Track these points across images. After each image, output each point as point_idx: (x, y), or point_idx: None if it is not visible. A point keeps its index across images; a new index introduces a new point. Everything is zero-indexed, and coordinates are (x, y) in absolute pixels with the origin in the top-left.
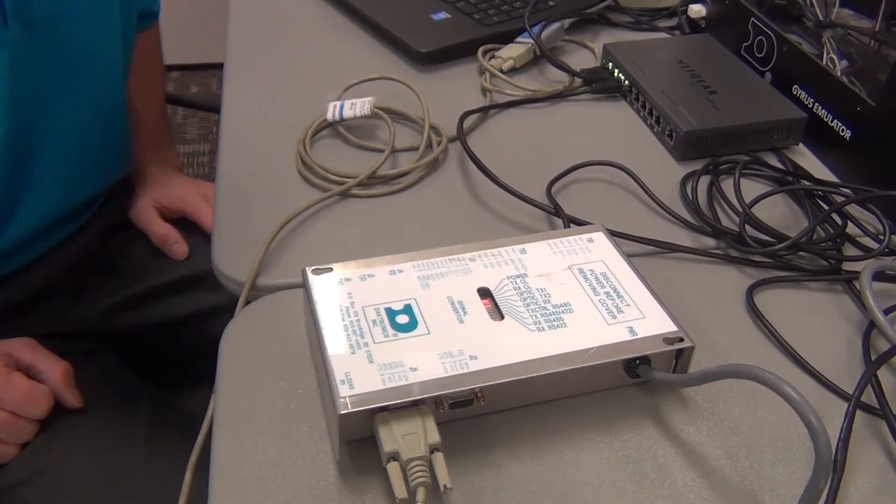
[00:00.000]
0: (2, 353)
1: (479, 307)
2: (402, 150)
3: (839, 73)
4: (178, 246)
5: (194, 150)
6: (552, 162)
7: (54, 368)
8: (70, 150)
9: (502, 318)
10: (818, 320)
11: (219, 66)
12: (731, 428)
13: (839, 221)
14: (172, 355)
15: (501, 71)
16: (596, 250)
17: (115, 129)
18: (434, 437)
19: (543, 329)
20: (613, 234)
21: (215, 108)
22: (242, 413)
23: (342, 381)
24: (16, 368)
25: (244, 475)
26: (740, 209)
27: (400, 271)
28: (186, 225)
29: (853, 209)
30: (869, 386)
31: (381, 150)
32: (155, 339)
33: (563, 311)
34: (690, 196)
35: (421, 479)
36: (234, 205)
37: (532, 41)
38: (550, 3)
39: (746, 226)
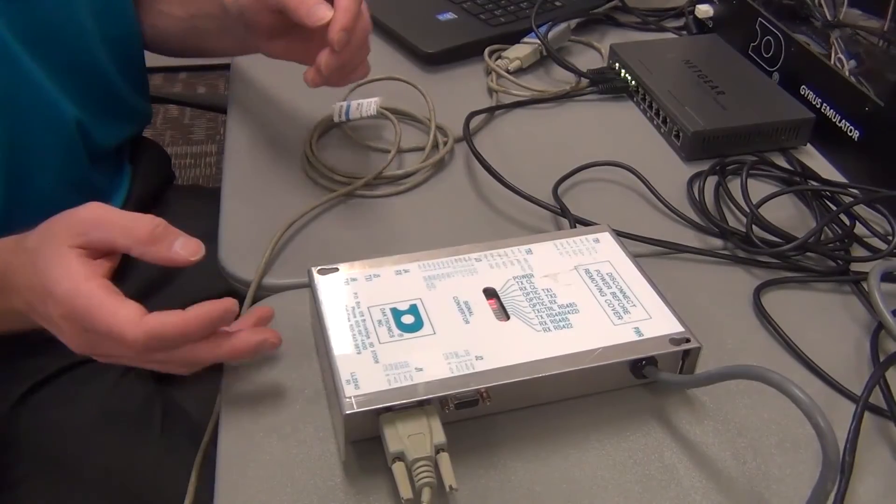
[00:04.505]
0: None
1: (484, 307)
2: (408, 151)
3: (847, 73)
4: None
5: (201, 150)
6: (558, 162)
7: (139, 230)
8: (61, 116)
9: (508, 318)
10: (826, 321)
11: (226, 67)
12: (738, 429)
13: (847, 222)
14: None
15: (508, 71)
16: (602, 251)
17: (98, 99)
18: (439, 437)
19: (549, 329)
20: (620, 235)
21: (222, 109)
22: (248, 413)
23: (348, 381)
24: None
25: (250, 475)
26: (747, 210)
27: (406, 271)
28: (195, 226)
29: (861, 210)
30: (877, 387)
31: (388, 151)
32: None
33: (569, 312)
34: (697, 196)
35: (426, 480)
36: (241, 205)
37: (538, 41)
38: (557, 4)
39: (754, 226)
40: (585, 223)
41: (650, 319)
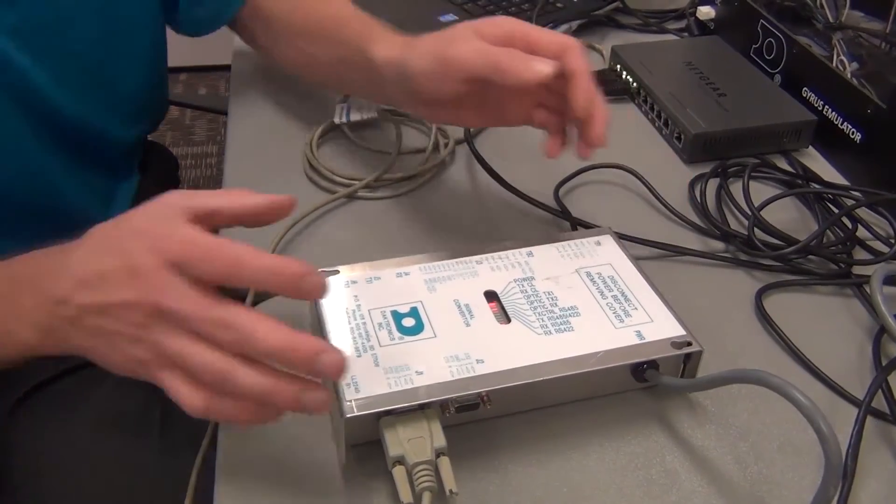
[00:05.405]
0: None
1: (485, 310)
2: (409, 153)
3: (849, 76)
4: None
5: (202, 151)
6: (560, 164)
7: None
8: (55, 112)
9: (509, 321)
10: (828, 325)
11: (227, 68)
12: (740, 433)
13: (849, 225)
14: None
15: None
16: (604, 253)
17: (101, 96)
18: (440, 441)
19: (550, 333)
20: (621, 238)
21: (223, 111)
22: None
23: (348, 385)
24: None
25: (249, 478)
26: (749, 212)
27: (406, 274)
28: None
29: (863, 212)
30: (880, 391)
31: (388, 153)
32: None
33: (570, 315)
34: (699, 199)
35: (427, 484)
36: None
37: None
38: (558, 5)
39: (755, 229)
40: (587, 226)
41: (651, 323)
